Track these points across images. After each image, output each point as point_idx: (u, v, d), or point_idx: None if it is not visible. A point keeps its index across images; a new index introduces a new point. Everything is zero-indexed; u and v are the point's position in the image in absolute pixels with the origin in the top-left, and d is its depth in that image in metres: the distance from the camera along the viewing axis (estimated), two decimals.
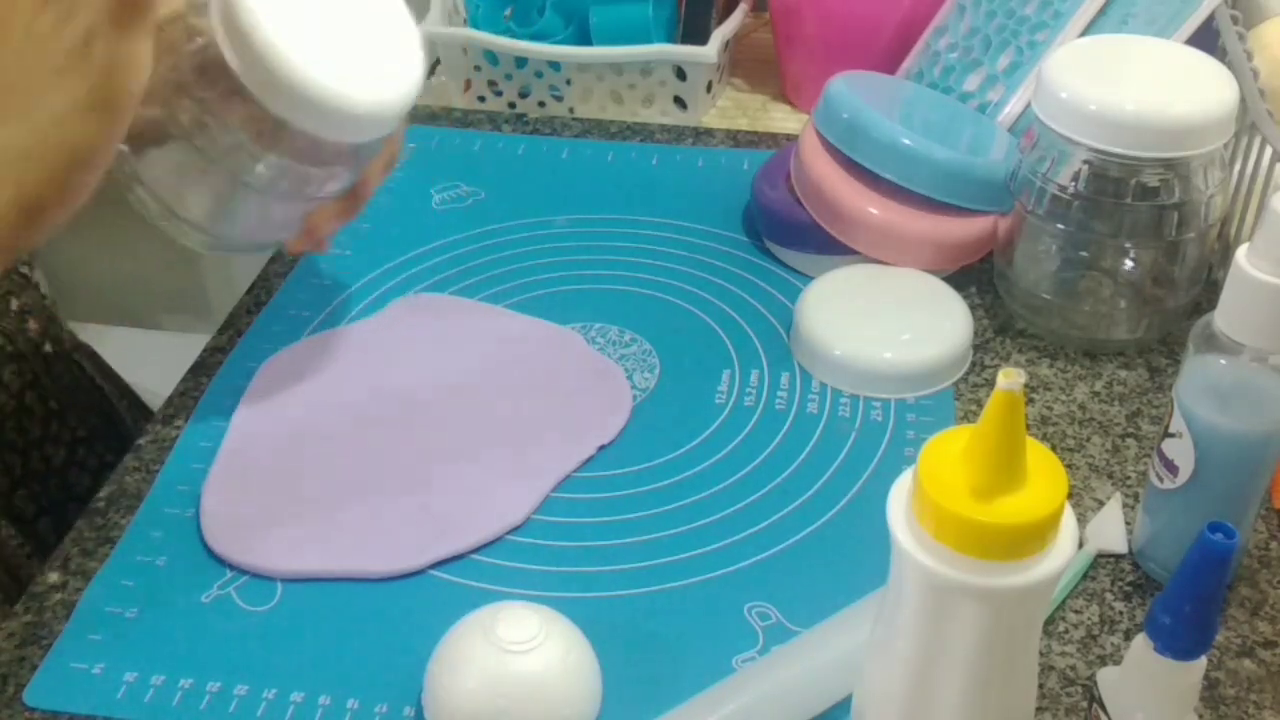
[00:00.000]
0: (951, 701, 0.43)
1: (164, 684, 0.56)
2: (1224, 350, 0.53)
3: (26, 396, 0.73)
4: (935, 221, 0.76)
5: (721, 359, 0.74)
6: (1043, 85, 0.69)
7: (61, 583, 0.60)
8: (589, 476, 0.66)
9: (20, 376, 0.73)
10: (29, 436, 0.73)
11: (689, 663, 0.56)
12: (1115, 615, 0.59)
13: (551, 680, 0.51)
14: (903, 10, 0.91)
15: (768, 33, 1.02)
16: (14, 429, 0.72)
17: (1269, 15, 0.80)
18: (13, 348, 0.72)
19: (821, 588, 0.59)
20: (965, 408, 0.70)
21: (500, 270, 0.81)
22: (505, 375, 0.72)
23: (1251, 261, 0.50)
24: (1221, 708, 0.54)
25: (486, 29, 0.97)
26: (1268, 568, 0.61)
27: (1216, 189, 0.69)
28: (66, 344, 0.79)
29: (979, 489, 0.39)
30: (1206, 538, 0.41)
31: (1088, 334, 0.74)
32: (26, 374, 0.73)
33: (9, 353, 0.72)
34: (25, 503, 0.73)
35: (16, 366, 0.72)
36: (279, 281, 0.80)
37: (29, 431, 0.73)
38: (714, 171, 0.91)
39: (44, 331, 0.75)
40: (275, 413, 0.69)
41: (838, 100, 0.78)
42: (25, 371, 0.73)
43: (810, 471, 0.66)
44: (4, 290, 0.72)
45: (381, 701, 0.55)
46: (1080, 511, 0.63)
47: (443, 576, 0.61)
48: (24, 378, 0.73)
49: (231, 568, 0.61)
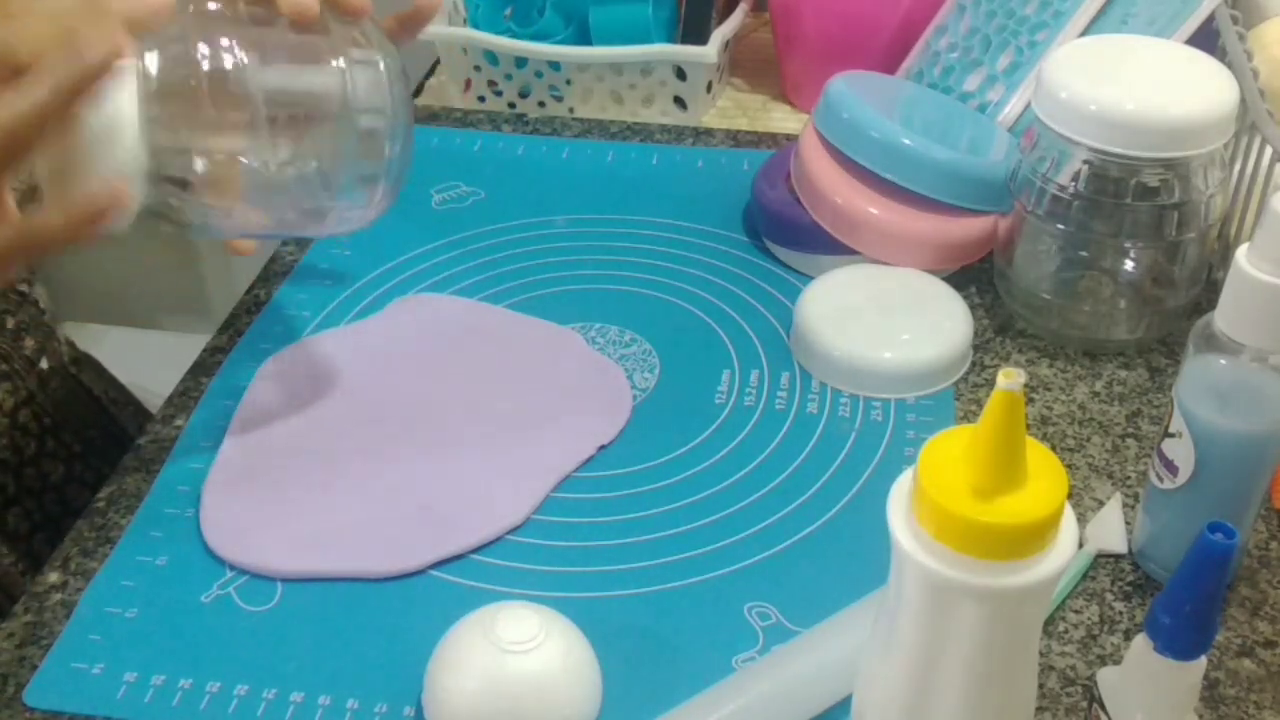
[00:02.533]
0: (951, 701, 0.43)
1: (164, 684, 0.56)
2: (1224, 350, 0.53)
3: (20, 414, 0.73)
4: (935, 221, 0.76)
5: (721, 359, 0.74)
6: (1043, 85, 0.69)
7: (61, 583, 0.61)
8: (589, 476, 0.66)
9: (14, 394, 0.73)
10: (23, 454, 0.73)
11: (689, 663, 0.56)
12: (1115, 615, 0.59)
13: (551, 680, 0.51)
14: (903, 10, 0.91)
15: (768, 33, 1.02)
16: (7, 447, 0.72)
17: (1269, 15, 0.80)
18: (6, 366, 0.72)
19: (821, 588, 0.59)
20: (965, 408, 0.70)
21: (500, 270, 0.81)
22: (505, 375, 0.72)
23: (1251, 261, 0.50)
24: (1221, 708, 0.54)
25: (486, 29, 0.97)
26: (1268, 568, 0.61)
27: (1216, 189, 0.69)
28: (64, 358, 0.79)
29: (979, 489, 0.39)
30: (1206, 538, 0.41)
31: (1088, 334, 0.74)
32: (21, 391, 0.73)
33: (2, 371, 0.72)
34: (19, 520, 0.73)
35: (11, 385, 0.72)
36: (279, 281, 0.80)
37: (23, 449, 0.73)
38: (714, 171, 0.91)
39: (41, 348, 0.75)
40: (275, 413, 0.69)
41: (838, 100, 0.78)
42: (19, 389, 0.73)
43: (810, 471, 0.66)
44: (0, 309, 0.72)
45: (381, 701, 0.55)
46: (1080, 511, 0.63)
47: (443, 576, 0.61)
48: (18, 395, 0.73)
49: (231, 568, 0.61)
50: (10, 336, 0.73)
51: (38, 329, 0.75)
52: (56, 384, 0.77)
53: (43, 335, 0.76)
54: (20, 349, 0.73)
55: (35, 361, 0.75)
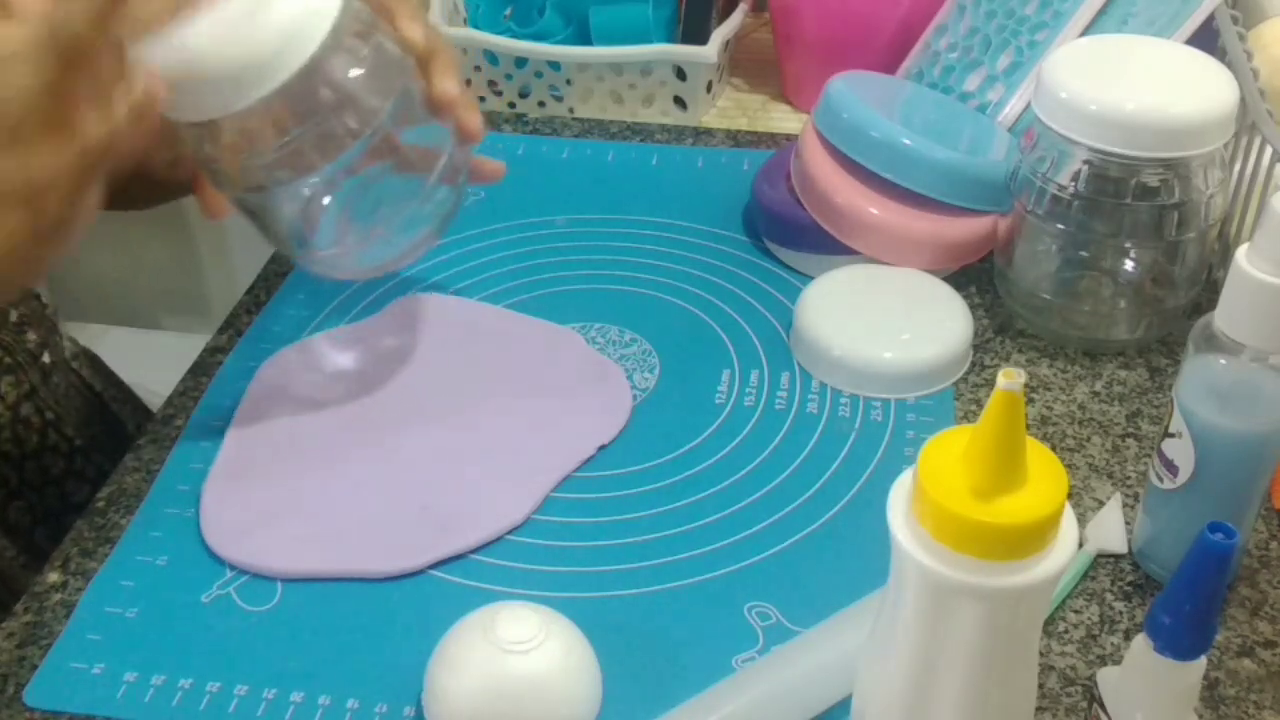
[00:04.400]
0: (951, 701, 0.43)
1: (164, 684, 0.56)
2: (1224, 350, 0.53)
3: (23, 408, 0.73)
4: (935, 221, 0.76)
5: (721, 359, 0.74)
6: (1043, 85, 0.69)
7: (61, 583, 0.61)
8: (589, 476, 0.66)
9: (17, 388, 0.72)
10: (25, 448, 0.73)
11: (689, 663, 0.56)
12: (1115, 615, 0.59)
13: (551, 680, 0.51)
14: (903, 10, 0.91)
15: (768, 33, 1.02)
16: (9, 440, 0.72)
17: (1269, 15, 0.80)
18: (10, 359, 0.72)
19: (821, 588, 0.59)
20: (965, 408, 0.70)
21: (500, 270, 0.81)
22: (505, 375, 0.72)
23: (1251, 261, 0.50)
24: (1221, 708, 0.54)
25: (486, 29, 0.97)
26: (1268, 568, 0.61)
27: (1216, 189, 0.69)
28: (66, 352, 0.79)
29: (979, 489, 0.39)
30: (1206, 538, 0.41)
31: (1088, 334, 0.74)
32: (24, 385, 0.73)
33: (6, 364, 0.72)
34: (21, 514, 0.73)
35: (14, 378, 0.72)
36: (279, 281, 0.80)
37: (25, 442, 0.73)
38: (714, 171, 0.91)
39: (44, 342, 0.75)
40: (275, 413, 0.69)
41: (838, 100, 0.78)
42: (22, 382, 0.73)
43: (810, 471, 0.66)
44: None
45: (381, 701, 0.55)
46: (1080, 511, 0.63)
47: (443, 576, 0.61)
48: (20, 389, 0.73)
49: (231, 568, 0.61)
50: (14, 330, 0.72)
51: (40, 323, 0.75)
52: (58, 378, 0.77)
53: (45, 329, 0.76)
54: (23, 342, 0.73)
55: (38, 355, 0.74)
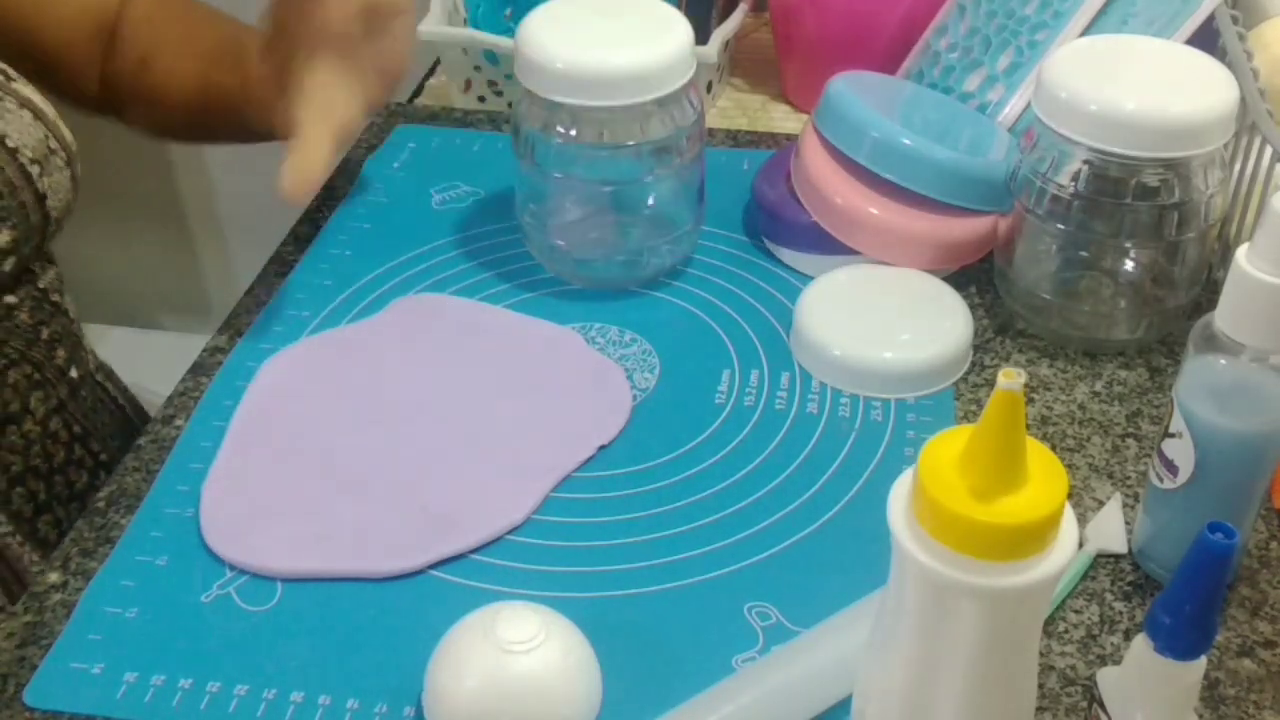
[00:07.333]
0: (951, 701, 0.43)
1: (164, 684, 0.56)
2: (1224, 350, 0.53)
3: (51, 422, 0.74)
4: (935, 221, 0.76)
5: (721, 359, 0.74)
6: (1043, 85, 0.69)
7: (61, 583, 0.61)
8: (589, 476, 0.66)
9: (45, 403, 0.73)
10: (53, 462, 0.74)
11: (689, 663, 0.56)
12: (1115, 615, 0.59)
13: (551, 680, 0.51)
14: (903, 10, 0.91)
15: (768, 33, 1.02)
16: (39, 455, 0.73)
17: (1269, 15, 0.80)
18: (39, 375, 0.72)
19: (821, 588, 0.59)
20: (965, 408, 0.70)
21: (500, 270, 0.81)
22: (505, 375, 0.72)
23: (1251, 261, 0.50)
24: (1221, 708, 0.54)
25: (486, 29, 0.97)
26: (1268, 568, 0.61)
27: (1216, 189, 0.69)
28: (90, 366, 0.80)
29: (979, 489, 0.39)
30: (1206, 538, 0.41)
31: (1088, 334, 0.74)
32: (52, 400, 0.74)
33: (35, 380, 0.72)
34: (49, 528, 0.73)
35: (43, 393, 0.73)
36: (279, 281, 0.80)
37: (53, 456, 0.74)
38: (714, 171, 0.91)
39: (70, 358, 0.76)
40: (275, 413, 0.69)
41: (838, 100, 0.78)
42: (50, 397, 0.73)
43: (810, 471, 0.66)
44: (36, 320, 0.73)
45: (381, 701, 0.55)
46: (1080, 511, 0.63)
47: (443, 576, 0.61)
48: (49, 404, 0.73)
49: (231, 568, 0.61)
50: (45, 347, 0.73)
51: (68, 339, 0.76)
52: (85, 393, 0.77)
53: (72, 344, 0.76)
54: (53, 359, 0.74)
55: (66, 371, 0.75)
